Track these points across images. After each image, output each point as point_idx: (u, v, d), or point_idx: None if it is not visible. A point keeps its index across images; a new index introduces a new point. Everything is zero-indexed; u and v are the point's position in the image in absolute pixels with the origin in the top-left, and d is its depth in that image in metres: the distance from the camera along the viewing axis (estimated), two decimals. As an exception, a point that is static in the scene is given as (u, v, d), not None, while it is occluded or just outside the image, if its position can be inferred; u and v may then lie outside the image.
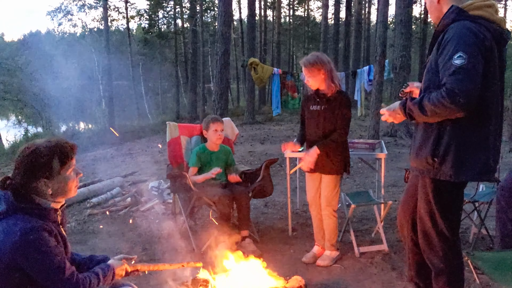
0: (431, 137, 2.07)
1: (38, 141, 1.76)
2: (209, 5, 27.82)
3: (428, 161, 2.08)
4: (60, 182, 1.74)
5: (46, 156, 1.70)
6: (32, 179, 1.68)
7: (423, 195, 2.19)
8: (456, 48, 1.90)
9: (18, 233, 1.57)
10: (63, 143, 1.77)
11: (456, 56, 1.88)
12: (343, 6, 23.17)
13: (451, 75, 1.87)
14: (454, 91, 1.84)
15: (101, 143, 12.62)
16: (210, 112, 13.77)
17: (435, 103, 1.90)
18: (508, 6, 34.91)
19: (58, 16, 29.67)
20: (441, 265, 2.21)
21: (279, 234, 4.09)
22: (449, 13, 2.05)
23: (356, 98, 12.91)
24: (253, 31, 16.88)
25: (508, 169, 3.50)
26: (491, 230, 3.68)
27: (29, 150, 1.71)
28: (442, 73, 1.93)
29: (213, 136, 3.78)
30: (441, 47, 1.98)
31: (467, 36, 1.92)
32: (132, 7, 35.74)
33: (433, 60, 2.04)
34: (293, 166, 4.34)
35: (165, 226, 4.31)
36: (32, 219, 1.64)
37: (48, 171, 1.70)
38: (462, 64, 1.86)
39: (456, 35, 1.93)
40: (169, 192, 5.15)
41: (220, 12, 10.42)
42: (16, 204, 1.64)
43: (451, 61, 1.89)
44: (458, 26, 1.96)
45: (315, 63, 3.13)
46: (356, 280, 3.12)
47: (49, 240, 1.63)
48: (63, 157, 1.74)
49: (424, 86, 2.11)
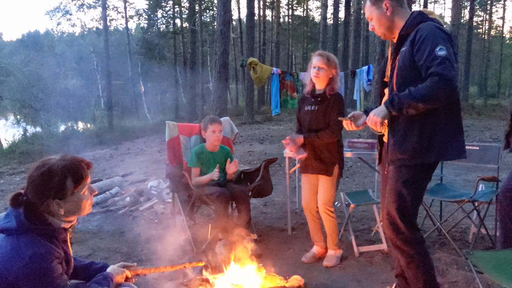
0: (414, 127, 2.22)
1: (53, 158, 1.70)
2: (208, 4, 27.84)
3: (415, 149, 2.23)
4: (73, 202, 1.69)
5: (59, 175, 1.64)
6: (44, 199, 1.63)
7: (397, 186, 2.30)
8: (435, 42, 2.08)
9: (27, 258, 1.52)
10: (78, 161, 1.72)
11: (438, 48, 2.06)
12: (342, 6, 23.18)
13: (439, 64, 2.03)
14: (446, 77, 2.02)
15: (100, 143, 12.60)
16: (209, 112, 13.77)
17: (429, 91, 2.05)
18: (507, 6, 34.91)
19: (57, 15, 29.60)
20: (412, 251, 2.32)
21: (278, 234, 4.09)
22: (414, 17, 2.26)
23: (355, 97, 12.90)
24: (252, 30, 16.88)
25: (507, 169, 3.50)
26: (491, 230, 3.68)
27: (42, 169, 1.65)
28: (427, 66, 2.08)
29: (211, 137, 3.77)
30: (417, 45, 2.14)
31: (439, 33, 2.13)
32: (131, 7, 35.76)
33: (406, 58, 2.20)
34: (292, 166, 4.34)
35: (164, 226, 4.31)
36: (42, 242, 1.59)
37: (61, 191, 1.65)
38: (445, 54, 2.05)
39: (430, 32, 2.13)
40: (168, 191, 5.15)
41: (219, 11, 10.41)
42: (26, 224, 1.59)
43: (434, 53, 2.06)
44: (427, 25, 2.17)
45: (333, 59, 3.25)
46: (356, 279, 3.12)
47: (56, 269, 1.59)
48: (77, 177, 1.69)
49: (398, 82, 2.25)
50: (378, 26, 2.37)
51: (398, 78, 2.25)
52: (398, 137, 2.29)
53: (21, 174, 7.70)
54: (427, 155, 2.23)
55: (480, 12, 37.70)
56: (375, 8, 2.34)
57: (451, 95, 2.08)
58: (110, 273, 1.90)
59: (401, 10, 2.32)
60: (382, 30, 2.37)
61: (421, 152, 2.22)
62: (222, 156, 3.88)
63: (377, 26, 2.37)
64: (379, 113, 2.22)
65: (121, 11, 29.35)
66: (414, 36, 2.17)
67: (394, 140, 2.31)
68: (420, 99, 2.07)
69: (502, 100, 25.85)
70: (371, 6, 2.35)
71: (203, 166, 3.83)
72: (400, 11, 2.32)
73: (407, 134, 2.25)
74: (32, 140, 13.63)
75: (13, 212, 1.62)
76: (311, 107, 3.27)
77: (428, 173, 2.32)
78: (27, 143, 12.97)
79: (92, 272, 1.95)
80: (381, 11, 2.32)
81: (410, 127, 2.23)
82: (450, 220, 4.10)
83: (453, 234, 3.92)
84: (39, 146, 12.18)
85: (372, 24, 2.41)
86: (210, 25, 29.21)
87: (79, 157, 1.76)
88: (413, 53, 2.16)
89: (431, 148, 2.21)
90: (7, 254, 1.55)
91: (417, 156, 2.23)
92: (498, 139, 10.64)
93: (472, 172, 6.48)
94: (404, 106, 2.12)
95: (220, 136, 3.82)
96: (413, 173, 2.27)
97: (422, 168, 2.27)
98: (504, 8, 36.31)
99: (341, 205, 4.73)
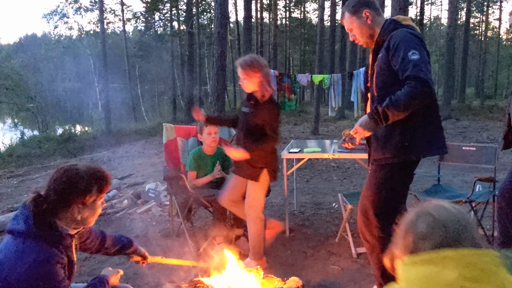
0: (396, 128, 2.30)
1: (79, 165, 1.73)
2: (205, 7, 27.84)
3: (398, 148, 2.31)
4: (91, 210, 1.71)
5: (86, 182, 1.66)
6: (67, 203, 1.64)
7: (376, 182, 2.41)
8: (408, 47, 2.18)
9: (30, 263, 1.53)
10: (102, 171, 1.75)
11: (411, 53, 2.17)
12: (339, 8, 23.21)
13: (413, 68, 2.13)
14: (422, 80, 2.11)
15: (98, 145, 12.59)
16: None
17: (409, 95, 2.13)
18: (503, 8, 35.07)
19: (54, 19, 29.60)
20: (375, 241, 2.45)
21: (276, 235, 4.08)
22: (388, 24, 2.36)
23: (352, 99, 12.88)
24: (249, 33, 16.89)
25: (504, 169, 3.52)
26: (488, 230, 3.69)
27: (70, 173, 1.66)
28: (402, 70, 2.18)
29: (207, 139, 3.78)
30: (392, 51, 2.25)
31: (411, 38, 2.23)
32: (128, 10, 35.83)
33: (383, 64, 2.31)
34: (290, 167, 4.34)
35: (162, 228, 4.30)
36: (47, 248, 1.59)
37: (85, 197, 1.66)
38: (418, 58, 2.16)
39: (403, 39, 2.23)
40: (166, 194, 5.15)
41: (216, 14, 10.41)
42: (34, 230, 1.59)
43: (408, 58, 2.16)
44: (400, 32, 2.27)
45: (252, 65, 3.05)
46: (353, 280, 3.12)
47: (59, 274, 1.59)
48: (101, 186, 1.71)
49: (378, 87, 2.36)
50: (360, 36, 2.45)
51: (378, 82, 2.36)
52: (381, 138, 2.38)
53: (18, 178, 7.69)
54: (409, 153, 2.32)
55: (477, 13, 37.82)
56: (355, 18, 2.41)
57: (429, 95, 2.16)
58: (105, 276, 1.91)
59: (379, 18, 2.43)
60: (365, 39, 2.45)
61: (404, 151, 2.31)
62: (220, 157, 3.89)
63: (359, 35, 2.45)
64: (367, 127, 2.27)
65: (119, 14, 29.32)
66: (388, 43, 2.28)
67: (377, 141, 2.41)
68: (403, 106, 2.15)
69: (499, 101, 25.91)
70: (351, 16, 2.42)
71: (202, 169, 3.83)
72: (378, 18, 2.42)
73: (389, 135, 2.34)
74: (29, 144, 13.60)
75: (22, 215, 1.63)
76: (247, 109, 3.22)
77: (409, 171, 2.41)
78: (24, 147, 12.95)
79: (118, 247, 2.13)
80: (362, 21, 2.41)
81: (392, 127, 2.30)
82: (447, 220, 4.10)
83: (450, 234, 3.93)
84: (36, 149, 12.17)
85: (353, 35, 2.48)
86: (208, 28, 29.21)
87: (103, 168, 1.78)
88: (389, 59, 2.27)
89: (413, 146, 2.30)
90: (11, 257, 1.57)
91: (400, 155, 2.32)
92: (495, 140, 10.68)
93: (469, 172, 6.50)
94: (390, 118, 2.20)
95: (216, 138, 3.82)
96: (394, 171, 2.36)
97: (404, 166, 2.36)
98: (500, 10, 36.40)
99: (338, 206, 4.73)
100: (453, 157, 4.05)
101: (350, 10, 2.42)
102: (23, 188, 6.72)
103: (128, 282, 2.98)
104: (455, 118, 15.70)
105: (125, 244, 2.19)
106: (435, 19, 46.99)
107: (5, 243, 1.64)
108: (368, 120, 2.25)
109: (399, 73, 2.21)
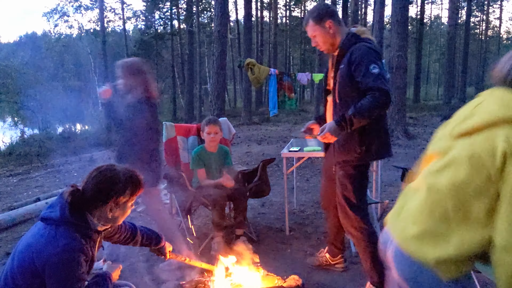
0: (355, 134, 2.55)
1: (118, 166, 1.82)
2: (205, 6, 27.83)
3: (356, 151, 2.59)
4: (122, 210, 1.81)
5: (123, 183, 1.76)
6: (102, 200, 1.73)
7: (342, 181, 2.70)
8: (369, 62, 2.42)
9: (60, 248, 1.59)
10: (138, 175, 1.84)
11: (372, 67, 2.41)
12: (339, 7, 23.21)
13: (375, 80, 2.38)
14: (384, 91, 2.37)
15: (98, 144, 12.57)
16: (207, 113, 13.76)
17: (372, 104, 2.38)
18: (504, 7, 35.04)
19: (54, 17, 29.59)
20: (359, 235, 2.70)
21: (276, 234, 4.08)
22: (350, 38, 2.58)
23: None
24: (249, 32, 16.89)
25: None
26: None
27: (111, 173, 1.76)
28: (365, 82, 2.41)
29: (207, 138, 3.77)
30: (353, 65, 2.47)
31: (371, 53, 2.46)
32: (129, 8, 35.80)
33: (345, 75, 2.53)
34: (290, 166, 4.34)
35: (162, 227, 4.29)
36: (77, 237, 1.66)
37: (120, 197, 1.75)
38: (378, 72, 2.40)
39: (364, 53, 2.46)
40: (166, 192, 5.14)
41: (216, 13, 10.41)
42: (69, 218, 1.67)
43: (369, 71, 2.40)
44: (361, 46, 2.50)
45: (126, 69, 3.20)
46: (353, 279, 3.11)
47: (81, 265, 1.65)
48: (135, 189, 1.81)
49: (340, 95, 2.60)
50: (323, 43, 2.66)
51: (340, 91, 2.59)
52: (342, 143, 2.64)
53: (18, 176, 7.68)
54: (367, 156, 2.62)
55: (477, 12, 37.81)
56: (319, 27, 2.61)
57: (388, 105, 2.44)
58: (107, 272, 1.92)
59: (341, 28, 2.64)
60: (327, 46, 2.67)
61: (362, 154, 2.59)
62: (221, 156, 3.88)
63: (321, 43, 2.66)
64: (335, 133, 2.48)
65: (119, 13, 29.35)
66: (350, 57, 2.50)
67: (339, 145, 2.67)
68: (367, 114, 2.41)
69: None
70: (315, 25, 2.62)
71: (205, 168, 3.81)
72: (340, 29, 2.64)
73: (349, 140, 2.60)
74: (29, 142, 13.59)
75: (58, 203, 1.70)
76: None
77: (365, 171, 2.72)
78: (24, 145, 12.94)
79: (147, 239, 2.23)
80: (325, 30, 2.61)
81: (351, 133, 2.55)
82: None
83: (450, 233, 3.92)
84: (36, 148, 12.16)
85: (315, 41, 2.68)
86: (208, 26, 29.20)
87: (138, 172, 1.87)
88: (350, 71, 2.49)
89: (369, 150, 2.59)
90: (41, 241, 1.62)
91: (360, 158, 2.61)
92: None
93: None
94: (355, 125, 2.45)
95: (216, 138, 3.78)
96: (354, 171, 2.67)
97: (361, 167, 2.68)
98: (501, 9, 36.46)
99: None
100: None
101: (314, 19, 2.61)
102: (23, 187, 6.72)
103: (128, 280, 2.98)
104: (456, 117, 15.68)
105: (153, 241, 2.29)
106: (435, 18, 47.00)
107: (36, 228, 1.71)
108: (336, 127, 2.46)
109: (361, 85, 2.45)
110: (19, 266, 1.63)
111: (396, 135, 10.91)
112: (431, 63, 45.60)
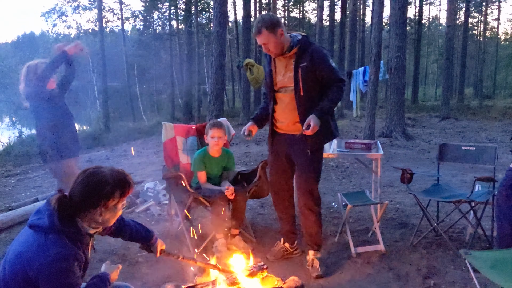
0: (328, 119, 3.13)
1: (105, 168, 1.78)
2: (204, 6, 27.79)
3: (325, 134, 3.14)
4: (112, 213, 1.77)
5: (111, 186, 1.72)
6: (91, 205, 1.69)
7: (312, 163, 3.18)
8: (327, 59, 3.06)
9: (51, 257, 1.56)
10: (126, 176, 1.81)
11: (331, 62, 3.07)
12: (338, 8, 23.25)
13: (336, 73, 3.07)
14: (344, 82, 3.11)
15: (96, 144, 12.56)
16: (206, 113, 13.73)
17: (340, 93, 3.10)
18: (502, 8, 35.13)
19: (52, 17, 29.54)
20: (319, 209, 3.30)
21: (275, 235, 4.07)
22: (304, 41, 3.08)
23: (351, 99, 12.93)
24: (248, 32, 16.88)
25: (503, 169, 3.51)
26: (487, 230, 3.69)
27: (97, 177, 1.71)
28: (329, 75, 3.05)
29: (211, 142, 3.73)
30: (318, 64, 3.02)
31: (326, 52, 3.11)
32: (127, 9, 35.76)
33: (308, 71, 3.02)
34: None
35: (161, 228, 4.28)
36: (67, 244, 1.63)
37: (108, 200, 1.72)
38: (335, 66, 3.10)
39: (321, 53, 3.06)
40: (165, 193, 5.13)
41: (215, 13, 10.39)
42: (58, 226, 1.63)
43: (332, 66, 3.05)
44: (317, 48, 3.09)
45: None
46: (353, 280, 3.11)
47: (75, 272, 1.63)
48: (124, 191, 1.77)
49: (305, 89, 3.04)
50: (275, 49, 3.05)
51: (304, 86, 3.03)
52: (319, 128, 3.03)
53: (16, 176, 7.66)
54: (332, 135, 3.23)
55: (475, 13, 37.86)
56: (272, 35, 2.98)
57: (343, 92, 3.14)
58: (106, 273, 1.90)
59: (286, 35, 3.09)
60: (278, 50, 3.06)
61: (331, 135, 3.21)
62: (224, 160, 3.86)
63: (273, 49, 3.04)
64: (318, 123, 2.95)
65: (117, 13, 29.31)
66: (311, 56, 3.01)
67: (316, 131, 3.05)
68: (336, 102, 3.12)
69: (498, 101, 25.97)
70: (269, 34, 2.97)
71: (206, 171, 3.80)
72: (286, 35, 3.09)
73: (324, 124, 3.05)
74: (27, 142, 13.55)
75: (46, 211, 1.66)
76: None
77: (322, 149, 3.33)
78: (22, 145, 12.90)
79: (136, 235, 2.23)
80: (277, 37, 2.99)
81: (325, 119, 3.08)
82: (447, 220, 4.10)
83: (450, 234, 3.93)
84: (34, 148, 12.12)
85: (267, 47, 3.04)
86: (206, 27, 29.16)
87: (125, 172, 1.83)
88: (313, 68, 3.01)
89: (331, 132, 3.19)
90: (32, 250, 1.59)
91: (329, 137, 3.23)
92: (493, 140, 10.69)
93: (469, 172, 6.51)
94: (329, 112, 3.10)
95: (220, 142, 3.72)
96: (321, 152, 3.26)
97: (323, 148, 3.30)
98: (499, 10, 36.53)
99: (338, 205, 4.73)
100: (452, 157, 4.04)
101: (268, 28, 2.95)
102: (21, 187, 6.70)
103: (127, 281, 2.97)
104: (454, 118, 15.72)
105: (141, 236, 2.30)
106: (433, 19, 47.04)
107: (25, 236, 1.67)
108: (318, 119, 2.95)
109: (324, 78, 3.05)
110: (12, 275, 1.61)
111: (395, 135, 10.92)
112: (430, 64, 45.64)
